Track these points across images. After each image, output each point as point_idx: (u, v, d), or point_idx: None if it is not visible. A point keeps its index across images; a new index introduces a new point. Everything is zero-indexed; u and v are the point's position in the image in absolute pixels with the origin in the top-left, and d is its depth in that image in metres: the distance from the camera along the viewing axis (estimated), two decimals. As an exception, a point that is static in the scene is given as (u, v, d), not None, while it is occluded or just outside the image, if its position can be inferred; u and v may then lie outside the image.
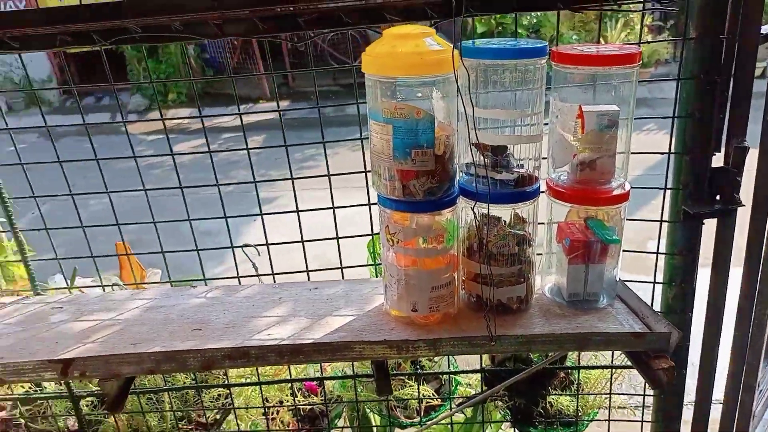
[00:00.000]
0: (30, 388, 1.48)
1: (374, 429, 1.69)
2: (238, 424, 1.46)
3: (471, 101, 0.91)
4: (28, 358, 1.01)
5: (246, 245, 1.27)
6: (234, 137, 7.06)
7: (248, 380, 1.50)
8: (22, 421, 1.51)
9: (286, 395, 1.53)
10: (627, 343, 1.00)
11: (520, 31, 7.47)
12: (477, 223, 0.98)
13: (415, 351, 1.01)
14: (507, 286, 1.07)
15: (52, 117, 8.34)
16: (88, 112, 8.38)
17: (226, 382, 1.47)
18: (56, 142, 1.29)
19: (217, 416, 1.52)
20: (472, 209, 0.99)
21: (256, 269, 1.30)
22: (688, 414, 1.38)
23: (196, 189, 1.31)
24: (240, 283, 1.30)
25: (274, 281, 1.31)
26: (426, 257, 1.04)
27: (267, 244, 1.27)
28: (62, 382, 1.50)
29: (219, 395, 1.53)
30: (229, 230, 1.26)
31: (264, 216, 1.27)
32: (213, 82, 9.42)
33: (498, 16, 6.00)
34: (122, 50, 8.44)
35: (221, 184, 1.20)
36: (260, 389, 1.43)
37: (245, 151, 1.26)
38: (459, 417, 1.60)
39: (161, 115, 1.32)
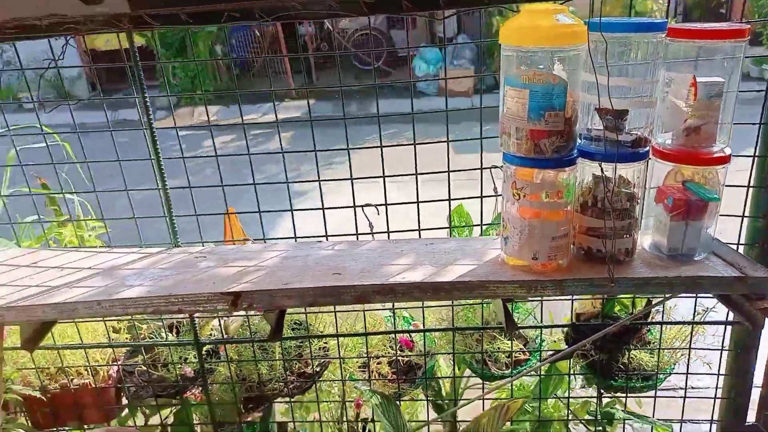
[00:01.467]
0: (151, 335, 1.62)
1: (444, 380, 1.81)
2: (342, 374, 1.59)
3: (607, 69, 1.04)
4: (201, 290, 1.14)
5: (367, 204, 1.40)
6: (264, 133, 7.24)
7: (345, 337, 1.63)
8: (141, 368, 1.64)
9: (381, 350, 1.66)
10: (731, 285, 1.12)
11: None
12: (604, 177, 1.11)
13: (543, 291, 1.14)
14: (618, 238, 1.20)
15: (81, 113, 8.51)
16: (118, 108, 8.55)
17: (329, 336, 1.60)
18: (85, 137, 1.44)
19: (317, 368, 1.65)
20: (600, 166, 1.12)
21: (372, 227, 1.43)
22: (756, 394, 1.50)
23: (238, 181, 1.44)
24: (358, 239, 1.44)
25: (389, 237, 1.44)
26: (549, 209, 1.17)
27: (386, 204, 1.41)
28: (177, 331, 1.64)
29: (320, 348, 1.66)
30: (353, 190, 1.40)
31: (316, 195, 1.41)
32: (239, 80, 9.64)
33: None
34: (153, 49, 8.64)
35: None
36: (366, 341, 1.56)
37: (276, 147, 1.42)
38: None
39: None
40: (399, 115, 1.51)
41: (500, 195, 1.53)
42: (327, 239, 1.43)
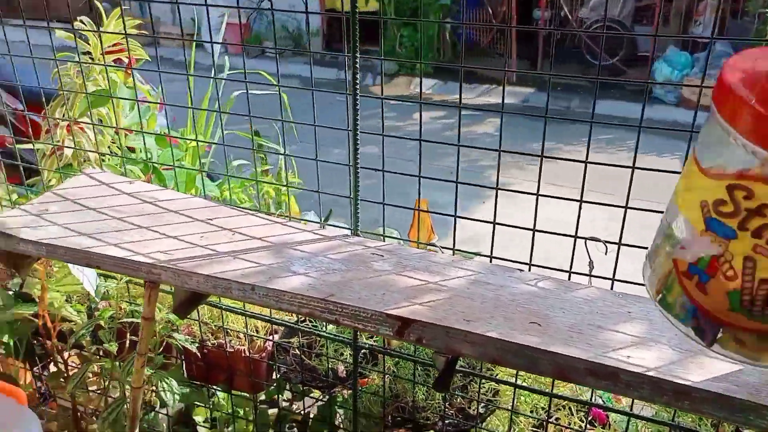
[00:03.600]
0: (308, 321, 1.48)
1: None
2: (511, 426, 1.30)
3: None
4: (362, 305, 0.94)
5: (593, 238, 1.07)
6: (473, 115, 6.99)
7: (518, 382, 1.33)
8: (295, 351, 1.52)
9: (563, 413, 1.34)
10: None
11: None
12: None
13: None
14: None
15: (313, 67, 9.08)
16: (343, 68, 8.95)
17: (505, 383, 1.31)
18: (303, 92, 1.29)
19: (481, 410, 1.38)
20: None
21: (592, 267, 1.10)
22: None
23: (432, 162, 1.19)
24: (570, 278, 1.12)
25: (612, 287, 1.11)
26: None
27: (619, 244, 1.07)
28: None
29: (490, 390, 1.39)
30: (578, 219, 1.08)
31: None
32: (461, 56, 9.46)
33: None
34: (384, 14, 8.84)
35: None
36: (550, 401, 1.25)
37: (485, 130, 1.10)
38: None
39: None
40: (615, 125, 1.18)
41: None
42: (530, 269, 1.13)
